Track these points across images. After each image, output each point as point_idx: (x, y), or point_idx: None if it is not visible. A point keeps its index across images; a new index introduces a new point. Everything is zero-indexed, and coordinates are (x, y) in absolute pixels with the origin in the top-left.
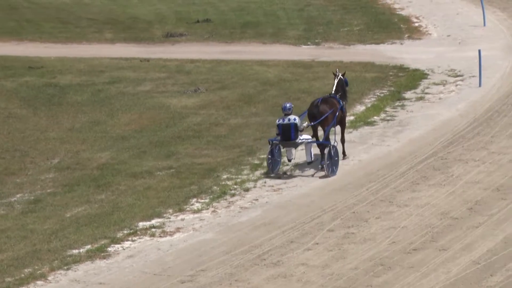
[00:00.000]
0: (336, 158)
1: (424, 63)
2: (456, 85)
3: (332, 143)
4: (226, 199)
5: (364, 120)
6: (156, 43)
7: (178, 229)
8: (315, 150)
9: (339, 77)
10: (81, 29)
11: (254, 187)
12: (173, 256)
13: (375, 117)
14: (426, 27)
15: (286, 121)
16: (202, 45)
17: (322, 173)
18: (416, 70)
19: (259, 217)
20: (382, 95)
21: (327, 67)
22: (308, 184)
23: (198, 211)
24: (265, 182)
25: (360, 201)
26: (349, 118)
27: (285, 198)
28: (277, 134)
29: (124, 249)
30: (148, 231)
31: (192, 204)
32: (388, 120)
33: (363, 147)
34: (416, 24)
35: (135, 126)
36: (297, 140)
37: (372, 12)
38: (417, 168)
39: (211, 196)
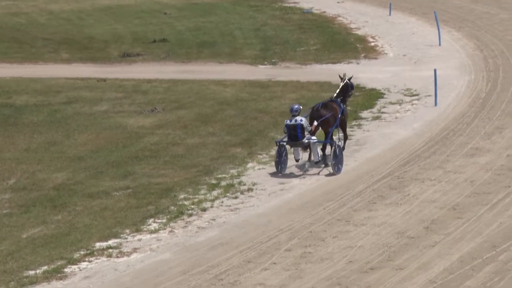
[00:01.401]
0: (341, 157)
1: (381, 82)
2: (412, 105)
3: (337, 142)
4: (183, 219)
5: (321, 140)
6: (112, 63)
7: (135, 250)
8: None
9: (345, 81)
10: (37, 49)
11: (212, 207)
12: (130, 276)
13: (333, 137)
14: (382, 47)
15: (293, 121)
16: (159, 65)
17: (327, 172)
18: (372, 89)
19: (217, 237)
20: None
21: (284, 87)
22: (265, 204)
23: (155, 231)
24: (222, 202)
25: (317, 221)
26: None
27: (242, 217)
28: (285, 133)
29: (80, 270)
30: (105, 252)
31: (149, 224)
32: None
33: (321, 166)
34: (372, 44)
35: (92, 146)
36: (304, 140)
37: (329, 31)
38: (374, 187)
39: (168, 216)
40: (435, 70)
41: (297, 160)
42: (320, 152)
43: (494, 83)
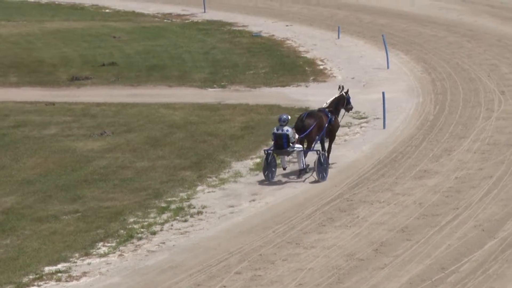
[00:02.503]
0: (326, 165)
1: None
2: (361, 127)
3: (321, 151)
4: (133, 243)
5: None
6: (61, 87)
7: (84, 274)
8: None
9: (341, 93)
10: None
11: (161, 230)
12: None
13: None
14: (330, 70)
15: (280, 131)
16: (108, 88)
17: (313, 179)
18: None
19: (166, 260)
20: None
21: (233, 110)
22: (215, 227)
23: (104, 255)
24: (172, 225)
25: (267, 243)
26: (255, 160)
27: (192, 241)
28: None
29: None
30: (54, 276)
31: (99, 248)
32: (294, 162)
33: (270, 189)
34: (321, 67)
35: (41, 170)
36: (288, 149)
37: (277, 55)
38: (323, 210)
39: (118, 240)
40: (383, 93)
41: (284, 168)
42: (305, 160)
43: (442, 106)
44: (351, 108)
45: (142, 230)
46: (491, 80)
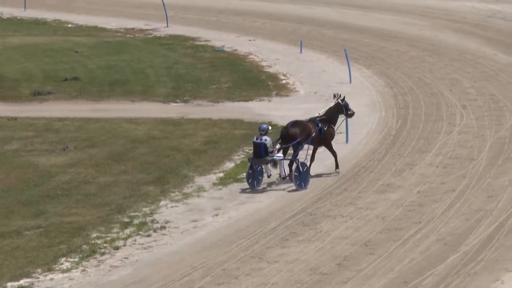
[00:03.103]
0: (305, 174)
1: (292, 120)
2: None
3: (301, 160)
4: (96, 258)
5: (233, 177)
6: (23, 102)
7: None
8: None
9: (337, 102)
10: None
11: (124, 245)
12: None
13: (244, 174)
14: (293, 84)
15: (258, 140)
16: (71, 103)
17: (294, 188)
18: (277, 128)
19: (130, 275)
20: (251, 151)
21: (196, 125)
22: (178, 242)
23: (67, 270)
24: (135, 240)
25: (230, 258)
26: (218, 175)
27: (156, 256)
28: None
29: None
30: None
31: (62, 264)
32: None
33: (233, 204)
34: (284, 81)
35: (2, 185)
36: (267, 158)
37: (240, 69)
38: (287, 224)
39: (81, 255)
40: None
41: (268, 176)
42: (287, 169)
43: (404, 120)
44: (352, 114)
45: (105, 245)
46: (452, 94)
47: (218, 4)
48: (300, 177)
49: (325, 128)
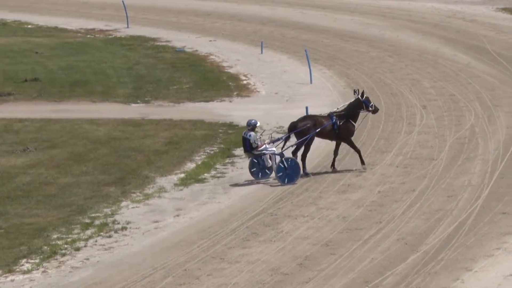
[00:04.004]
0: (291, 170)
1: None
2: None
3: (292, 156)
4: (56, 259)
5: (194, 178)
6: None
7: None
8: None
9: (356, 98)
10: None
11: (85, 246)
12: None
13: (205, 174)
14: (254, 85)
15: (245, 135)
16: (31, 104)
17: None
18: (245, 127)
19: (91, 276)
20: (212, 152)
21: (157, 125)
22: (139, 243)
23: (28, 271)
24: (96, 241)
25: (192, 259)
26: (179, 175)
27: (117, 256)
28: None
29: None
30: None
31: (22, 265)
32: (218, 177)
33: (194, 204)
34: (245, 82)
35: None
36: (254, 152)
37: (201, 70)
38: (248, 225)
39: (42, 256)
40: (306, 108)
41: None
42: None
43: (364, 120)
44: (375, 110)
45: (66, 246)
46: (413, 94)
47: (178, 4)
48: (286, 171)
49: (340, 123)
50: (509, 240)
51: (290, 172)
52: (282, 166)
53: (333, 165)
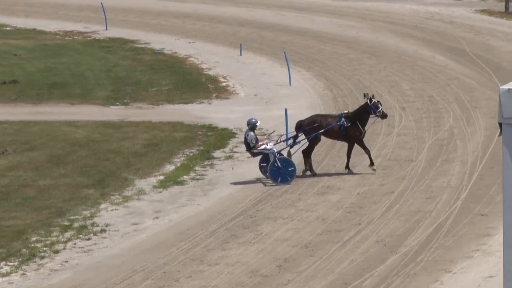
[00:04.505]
0: (285, 170)
1: (232, 122)
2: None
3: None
4: (35, 262)
5: (174, 180)
6: None
7: None
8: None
9: (365, 102)
10: None
11: (64, 248)
12: None
13: (185, 177)
14: (233, 87)
15: (245, 134)
16: (9, 107)
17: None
18: (224, 129)
19: (70, 279)
20: (191, 154)
21: (136, 127)
22: (118, 245)
23: (6, 274)
24: (75, 244)
25: (171, 261)
26: (158, 178)
27: (96, 259)
28: None
29: None
30: None
31: (1, 268)
32: (198, 179)
33: (173, 207)
34: (224, 84)
35: None
36: (253, 150)
37: (180, 72)
38: (227, 227)
39: (20, 259)
40: (286, 110)
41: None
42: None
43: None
44: (383, 116)
45: (45, 249)
46: (391, 96)
47: (157, 6)
48: (279, 171)
49: (348, 125)
50: (488, 241)
51: (283, 172)
52: (276, 165)
53: (347, 167)
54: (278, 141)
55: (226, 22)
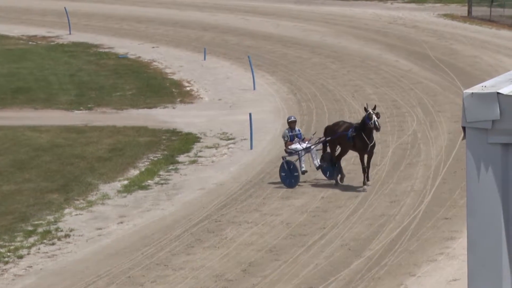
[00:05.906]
0: (290, 172)
1: (197, 126)
2: (228, 148)
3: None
4: None
5: (138, 184)
6: None
7: None
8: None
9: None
10: None
11: (28, 254)
12: None
13: (149, 181)
14: (197, 91)
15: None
16: None
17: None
18: (188, 133)
19: (34, 284)
20: (155, 159)
21: (100, 132)
22: (82, 250)
23: None
24: (39, 249)
25: (136, 265)
26: (123, 182)
27: (60, 264)
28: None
29: None
30: None
31: None
32: (162, 183)
33: (138, 211)
34: (188, 88)
35: None
36: (285, 149)
37: (144, 76)
38: (192, 231)
39: None
40: (250, 114)
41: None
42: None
43: (308, 127)
44: (375, 127)
45: (8, 254)
46: (355, 100)
47: (120, 11)
48: (286, 175)
49: (353, 135)
50: (452, 245)
51: (290, 175)
52: (286, 168)
53: (366, 178)
54: (310, 142)
55: (190, 27)
